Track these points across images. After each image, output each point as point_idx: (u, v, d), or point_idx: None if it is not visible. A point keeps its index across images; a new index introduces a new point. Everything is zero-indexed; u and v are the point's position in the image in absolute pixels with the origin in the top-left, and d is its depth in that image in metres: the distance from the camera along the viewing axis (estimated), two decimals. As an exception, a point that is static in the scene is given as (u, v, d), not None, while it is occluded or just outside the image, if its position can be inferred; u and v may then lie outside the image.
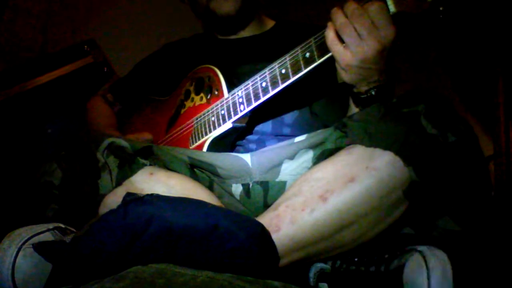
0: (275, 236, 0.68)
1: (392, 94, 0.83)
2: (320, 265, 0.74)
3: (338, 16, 0.74)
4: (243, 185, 0.89)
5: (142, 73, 1.29)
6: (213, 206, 0.70)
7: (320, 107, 1.04)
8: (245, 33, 1.15)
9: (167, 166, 0.85)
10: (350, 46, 0.74)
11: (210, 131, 0.98)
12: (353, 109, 0.89)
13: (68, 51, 1.53)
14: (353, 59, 0.75)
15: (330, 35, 0.76)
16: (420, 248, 0.63)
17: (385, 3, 0.72)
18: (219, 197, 0.85)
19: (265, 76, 0.89)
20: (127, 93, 1.31)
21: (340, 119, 0.80)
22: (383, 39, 0.73)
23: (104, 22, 1.73)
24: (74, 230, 0.76)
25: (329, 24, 0.76)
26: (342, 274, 0.71)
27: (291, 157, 0.87)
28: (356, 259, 0.71)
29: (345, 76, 0.79)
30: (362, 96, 0.81)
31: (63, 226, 0.75)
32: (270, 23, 1.18)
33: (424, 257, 0.61)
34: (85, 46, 1.52)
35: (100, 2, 1.76)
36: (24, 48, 1.65)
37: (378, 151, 0.69)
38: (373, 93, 0.80)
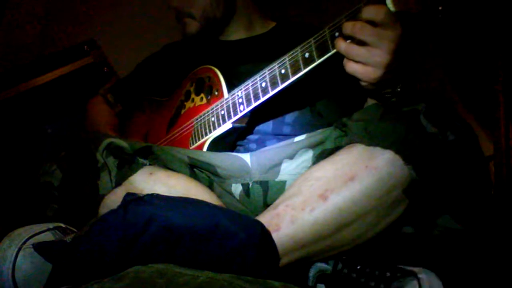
0: (275, 236, 0.68)
1: (415, 85, 0.81)
2: (321, 265, 0.74)
3: (341, 44, 0.73)
4: (242, 184, 0.89)
5: (143, 74, 1.29)
6: (213, 206, 0.70)
7: (324, 107, 1.04)
8: (244, 34, 1.15)
9: (167, 166, 0.85)
10: (366, 61, 0.72)
11: (210, 132, 0.98)
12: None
13: (68, 51, 1.53)
14: (377, 71, 0.72)
15: (346, 62, 0.74)
16: (420, 275, 0.64)
17: (384, 3, 0.72)
18: (219, 197, 0.85)
19: (265, 76, 0.89)
20: (128, 94, 1.31)
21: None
22: (394, 37, 0.70)
23: (104, 22, 1.72)
24: (75, 230, 0.76)
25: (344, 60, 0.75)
26: (342, 279, 0.71)
27: (291, 157, 0.87)
28: (358, 267, 0.71)
29: (372, 87, 0.76)
30: (388, 96, 0.79)
31: (63, 225, 0.75)
32: (271, 24, 1.18)
33: (420, 286, 0.63)
34: (85, 46, 1.52)
35: (100, 2, 1.76)
36: (24, 48, 1.64)
37: (378, 150, 0.69)
38: (399, 89, 0.78)
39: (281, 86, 0.86)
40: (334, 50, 0.76)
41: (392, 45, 0.71)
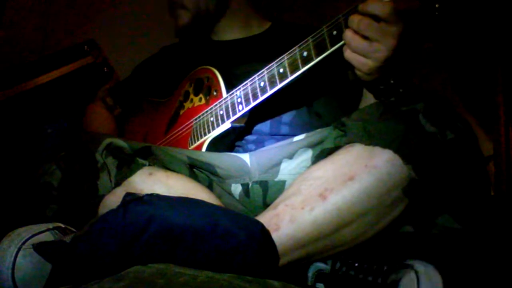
0: (274, 235, 0.68)
1: (411, 78, 0.81)
2: (319, 265, 0.74)
3: (348, 36, 0.73)
4: (242, 185, 0.89)
5: (141, 76, 1.29)
6: (213, 206, 0.70)
7: (322, 108, 1.05)
8: (241, 34, 1.15)
9: (166, 166, 0.85)
10: (366, 55, 0.73)
11: (209, 132, 0.99)
12: (369, 102, 0.87)
13: (68, 51, 1.52)
14: (374, 63, 0.73)
15: (347, 52, 0.75)
16: (416, 266, 0.64)
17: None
18: (219, 197, 0.85)
19: (263, 76, 0.89)
20: (127, 96, 1.31)
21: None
22: (396, 34, 0.71)
23: (104, 23, 1.73)
24: (74, 230, 0.76)
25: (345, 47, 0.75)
26: (340, 278, 0.71)
27: (290, 157, 0.87)
28: (356, 264, 0.71)
29: (367, 77, 0.77)
30: (381, 87, 0.80)
31: (63, 226, 0.75)
32: (267, 24, 1.18)
33: (417, 277, 0.63)
34: (85, 46, 1.52)
35: (100, 2, 1.76)
36: (24, 48, 1.64)
37: (377, 150, 0.70)
38: (391, 81, 0.78)
39: (279, 85, 0.87)
40: (332, 49, 0.77)
41: (394, 42, 0.71)
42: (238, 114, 0.94)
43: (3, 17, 1.56)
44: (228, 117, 0.95)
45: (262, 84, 0.89)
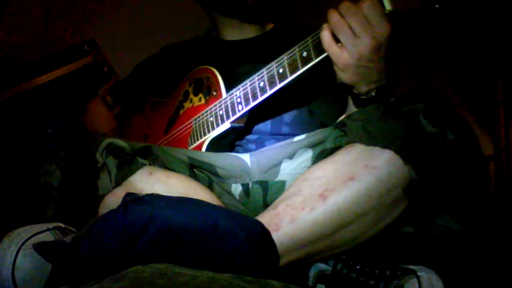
0: (274, 235, 0.68)
1: (392, 95, 0.83)
2: (320, 265, 0.74)
3: (333, 16, 0.75)
4: (242, 185, 0.89)
5: (142, 75, 1.29)
6: (213, 206, 0.70)
7: (318, 106, 1.05)
8: (243, 35, 1.15)
9: (166, 166, 0.85)
10: (346, 44, 0.74)
11: (209, 132, 0.99)
12: (352, 109, 0.89)
13: (68, 51, 1.52)
14: (350, 58, 0.74)
15: (326, 36, 0.76)
16: (420, 273, 0.65)
17: (381, 1, 0.72)
18: (219, 197, 0.85)
19: (263, 76, 0.89)
20: (127, 95, 1.31)
21: (337, 117, 0.80)
22: (377, 36, 0.72)
23: (104, 22, 1.73)
24: (74, 230, 0.76)
25: (325, 25, 0.76)
26: (341, 279, 0.71)
27: (290, 157, 0.87)
28: (358, 267, 0.71)
29: (343, 76, 0.78)
30: (362, 97, 0.81)
31: (63, 225, 0.75)
32: (269, 25, 1.18)
33: (420, 283, 0.63)
34: (85, 46, 1.52)
35: (101, 2, 1.76)
36: (24, 48, 1.64)
37: (377, 150, 0.70)
38: (373, 94, 0.79)
39: (279, 86, 0.87)
40: None
41: (374, 43, 0.72)
42: (238, 114, 0.94)
43: (3, 17, 1.56)
44: (228, 117, 0.95)
45: (261, 84, 0.89)
